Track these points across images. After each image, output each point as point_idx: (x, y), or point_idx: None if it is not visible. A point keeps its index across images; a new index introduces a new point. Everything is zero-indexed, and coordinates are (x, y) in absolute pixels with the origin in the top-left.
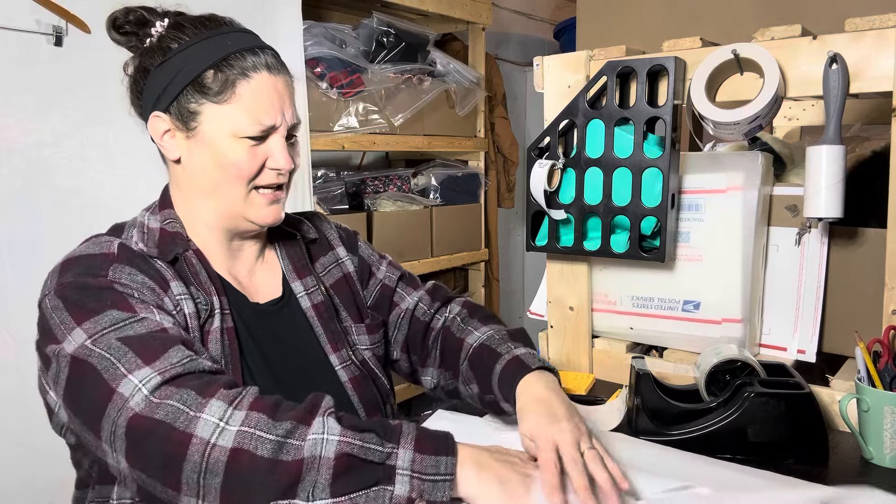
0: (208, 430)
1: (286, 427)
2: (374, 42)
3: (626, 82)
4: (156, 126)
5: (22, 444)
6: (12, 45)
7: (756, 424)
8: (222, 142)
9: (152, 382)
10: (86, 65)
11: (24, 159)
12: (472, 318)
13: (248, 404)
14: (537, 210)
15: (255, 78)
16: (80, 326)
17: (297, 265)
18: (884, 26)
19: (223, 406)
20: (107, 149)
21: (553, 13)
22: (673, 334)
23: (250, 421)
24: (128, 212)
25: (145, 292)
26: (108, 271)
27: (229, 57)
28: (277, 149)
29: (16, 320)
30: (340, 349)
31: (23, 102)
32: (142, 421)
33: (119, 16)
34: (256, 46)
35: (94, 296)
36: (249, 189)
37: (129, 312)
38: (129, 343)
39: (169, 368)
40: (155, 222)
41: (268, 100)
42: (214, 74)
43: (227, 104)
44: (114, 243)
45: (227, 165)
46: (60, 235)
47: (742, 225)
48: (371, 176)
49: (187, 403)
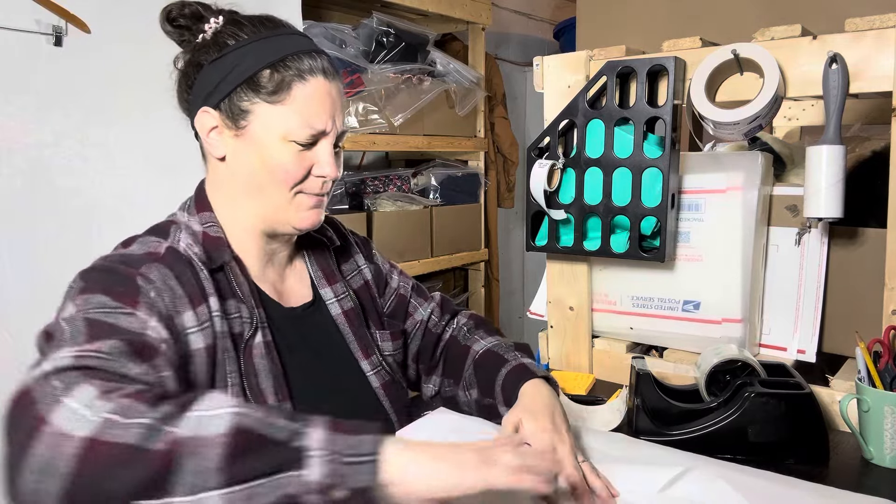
0: (63, 417)
1: (164, 410)
2: (374, 42)
3: (626, 82)
4: (203, 121)
5: None
6: (12, 45)
7: (756, 424)
8: (271, 143)
9: (60, 363)
10: (86, 65)
11: (24, 159)
12: (477, 329)
13: (128, 393)
14: (537, 210)
15: (311, 81)
16: (73, 302)
17: (326, 271)
18: (884, 26)
19: (93, 392)
20: (107, 149)
21: (553, 13)
22: (673, 334)
23: (120, 406)
24: (128, 212)
25: (166, 298)
26: (142, 266)
27: (287, 58)
28: (325, 156)
29: (16, 320)
30: (371, 355)
31: (23, 102)
32: (18, 397)
33: (174, 8)
34: (314, 50)
35: (109, 278)
36: (294, 194)
37: (122, 304)
38: (92, 325)
39: (88, 355)
40: (196, 225)
41: (321, 104)
42: (271, 74)
43: (281, 105)
44: (162, 245)
45: (273, 167)
46: (60, 235)
47: (742, 225)
48: (371, 176)
49: (64, 385)
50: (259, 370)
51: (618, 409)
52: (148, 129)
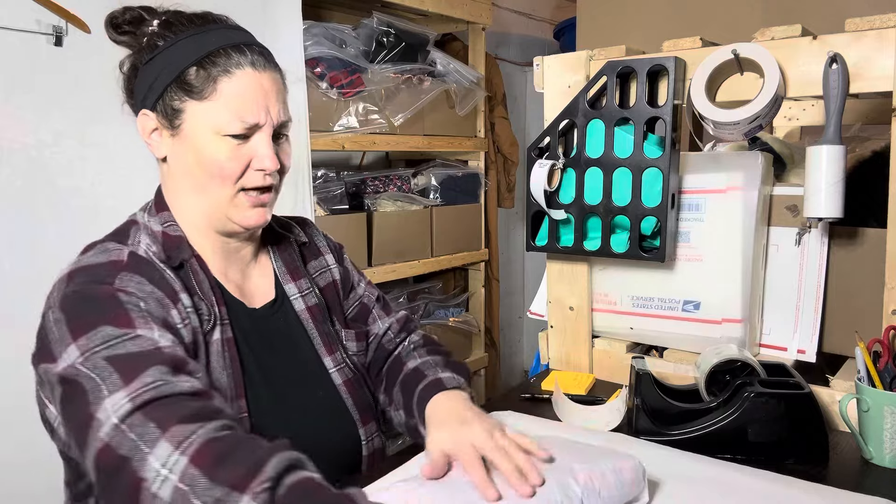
0: (151, 475)
1: (215, 495)
2: (374, 42)
3: (626, 82)
4: (144, 124)
5: (22, 444)
6: (12, 45)
7: (756, 424)
8: (204, 140)
9: (123, 410)
10: (86, 65)
11: (24, 159)
12: (419, 348)
13: (193, 452)
14: (537, 210)
15: (238, 75)
16: (74, 342)
17: (290, 267)
18: (884, 26)
19: (169, 449)
20: (107, 149)
21: (553, 13)
22: (673, 334)
23: (186, 478)
24: (128, 212)
25: (151, 304)
26: (114, 279)
27: (212, 54)
28: (262, 148)
29: (16, 320)
30: (334, 352)
31: (23, 102)
32: (107, 455)
33: (117, 15)
34: (242, 43)
35: (95, 306)
36: (237, 190)
37: (124, 329)
38: (115, 362)
39: (141, 392)
40: (156, 225)
41: (251, 97)
42: (197, 71)
43: (209, 101)
44: (123, 251)
45: (209, 164)
46: (60, 235)
47: (742, 225)
48: (371, 176)
49: (144, 438)
50: (214, 366)
51: (618, 409)
52: None
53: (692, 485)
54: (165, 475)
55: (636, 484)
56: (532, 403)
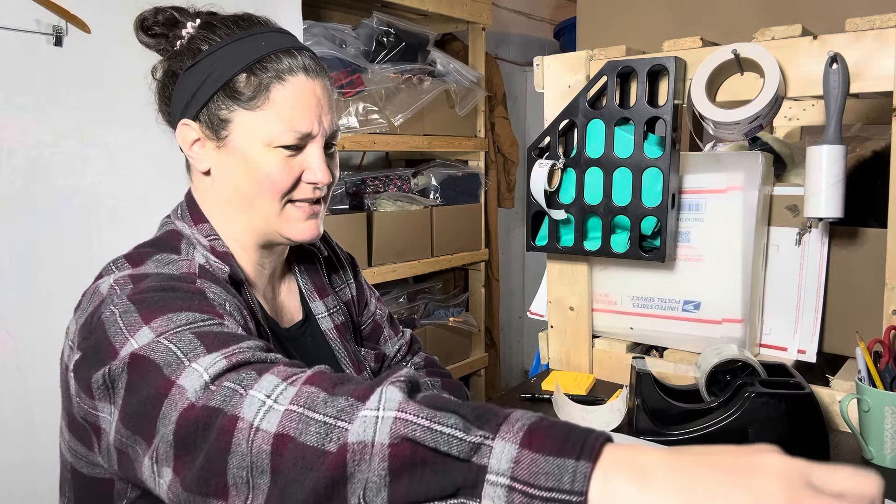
0: (253, 410)
1: (340, 404)
2: (374, 42)
3: (627, 82)
4: (185, 135)
5: (22, 444)
6: (12, 45)
7: (756, 424)
8: (255, 152)
9: (217, 367)
10: (86, 65)
11: (24, 159)
12: (421, 370)
13: (306, 378)
14: (537, 210)
15: (291, 81)
16: (147, 325)
17: (316, 284)
18: (884, 26)
19: (275, 381)
20: (107, 149)
21: (553, 13)
22: (673, 334)
23: (300, 397)
24: (128, 212)
25: (234, 312)
26: (195, 281)
27: (263, 59)
28: (315, 160)
29: (16, 320)
30: (362, 371)
31: (23, 102)
32: (193, 413)
33: (148, 16)
34: (293, 47)
35: (181, 297)
36: (284, 203)
37: (209, 315)
38: (203, 338)
39: (237, 353)
40: (204, 238)
41: (304, 105)
42: (247, 78)
43: (261, 110)
44: (193, 262)
45: (260, 178)
46: (60, 235)
47: (742, 225)
48: (371, 176)
49: (242, 383)
50: None
51: (618, 409)
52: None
53: None
54: (270, 405)
55: None
56: (532, 403)
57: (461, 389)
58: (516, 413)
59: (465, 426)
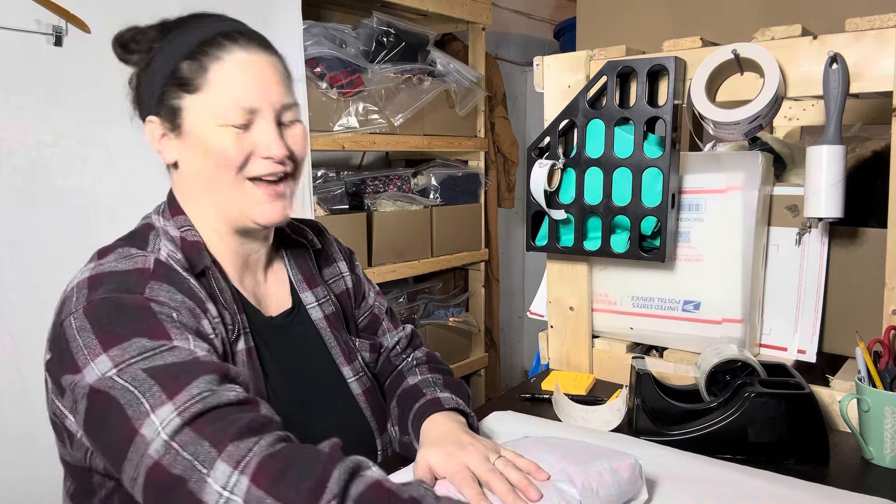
0: (213, 498)
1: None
2: (374, 42)
3: (626, 82)
4: (151, 132)
5: (22, 444)
6: (12, 45)
7: (756, 424)
8: (207, 133)
9: (172, 425)
10: (86, 65)
11: (24, 159)
12: (422, 365)
13: (252, 472)
14: (537, 210)
15: (229, 60)
16: (106, 353)
17: (306, 275)
18: (884, 26)
19: (228, 470)
20: (107, 149)
21: (553, 13)
22: (673, 334)
23: (252, 499)
24: (128, 212)
25: (184, 313)
26: (144, 288)
27: (203, 43)
28: (264, 134)
29: (16, 320)
30: (353, 361)
31: (23, 102)
32: (160, 475)
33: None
34: (233, 30)
35: (127, 316)
36: (243, 180)
37: (160, 340)
38: (155, 374)
39: (189, 405)
40: (173, 229)
41: (246, 81)
42: (189, 65)
43: (203, 92)
44: (148, 258)
45: (214, 154)
46: (60, 235)
47: (742, 225)
48: (371, 176)
49: (200, 458)
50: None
51: (618, 409)
52: None
53: (692, 485)
54: (228, 496)
55: (634, 482)
56: (532, 403)
57: (462, 388)
58: None
59: None
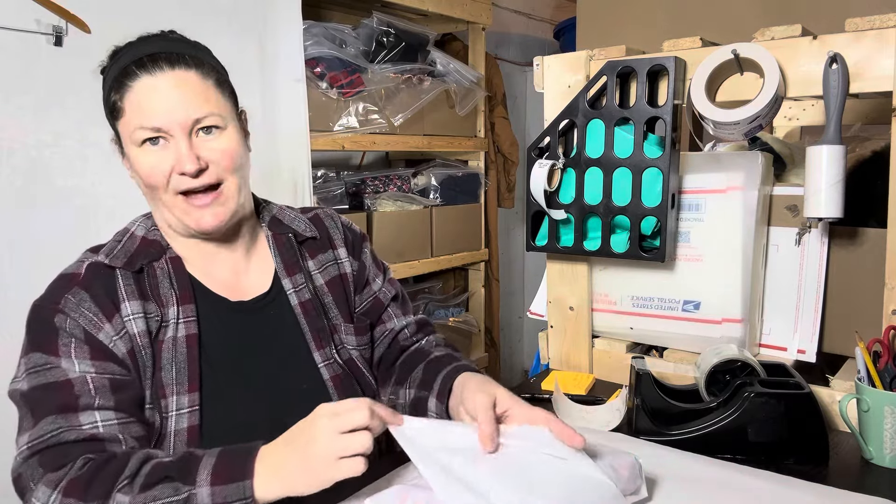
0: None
1: None
2: (374, 42)
3: (626, 82)
4: (118, 153)
5: None
6: (12, 45)
7: (756, 424)
8: (133, 155)
9: (24, 453)
10: (86, 65)
11: (24, 159)
12: (443, 346)
13: (64, 487)
14: (537, 210)
15: (135, 87)
16: (22, 358)
17: (287, 262)
18: (884, 26)
19: (48, 491)
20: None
21: (553, 13)
22: (673, 334)
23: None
24: (127, 212)
25: (80, 321)
26: (61, 299)
27: (120, 73)
28: (176, 150)
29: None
30: (325, 347)
31: (23, 102)
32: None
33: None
34: (145, 55)
35: (39, 326)
36: (174, 194)
37: (50, 356)
38: (30, 398)
39: (37, 443)
40: (142, 230)
41: (146, 104)
42: (114, 94)
43: (124, 118)
44: (84, 264)
45: (141, 174)
46: (60, 235)
47: (742, 225)
48: (371, 176)
49: (34, 479)
50: (164, 364)
51: (618, 409)
52: None
53: (692, 485)
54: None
55: (633, 480)
56: (532, 403)
57: None
58: (205, 459)
59: (176, 488)
